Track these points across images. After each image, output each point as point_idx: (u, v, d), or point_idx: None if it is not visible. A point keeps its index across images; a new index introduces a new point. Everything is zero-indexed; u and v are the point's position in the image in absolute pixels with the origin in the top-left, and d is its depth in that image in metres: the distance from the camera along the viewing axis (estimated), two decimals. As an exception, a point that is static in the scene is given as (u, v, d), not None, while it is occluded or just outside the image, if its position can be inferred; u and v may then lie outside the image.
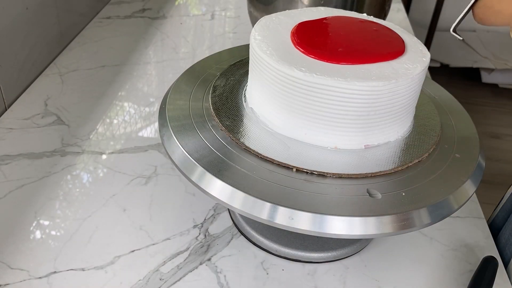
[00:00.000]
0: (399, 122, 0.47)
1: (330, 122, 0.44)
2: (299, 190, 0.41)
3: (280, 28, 0.50)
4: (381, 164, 0.45)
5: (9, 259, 0.50)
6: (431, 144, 0.48)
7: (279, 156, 0.44)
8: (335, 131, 0.45)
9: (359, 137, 0.46)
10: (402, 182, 0.44)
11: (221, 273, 0.50)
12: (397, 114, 0.46)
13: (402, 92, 0.44)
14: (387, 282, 0.50)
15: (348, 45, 0.48)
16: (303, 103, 0.44)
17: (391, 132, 0.47)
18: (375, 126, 0.45)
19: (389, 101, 0.44)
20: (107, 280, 0.48)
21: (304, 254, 0.51)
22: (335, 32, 0.51)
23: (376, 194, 0.42)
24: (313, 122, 0.45)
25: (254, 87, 0.49)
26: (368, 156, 0.45)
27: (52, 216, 0.55)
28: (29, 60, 0.78)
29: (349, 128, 0.45)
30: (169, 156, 0.46)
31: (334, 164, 0.44)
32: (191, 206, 0.57)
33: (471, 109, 0.57)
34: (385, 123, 0.46)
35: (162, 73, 0.86)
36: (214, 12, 1.10)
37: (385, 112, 0.45)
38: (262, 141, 0.46)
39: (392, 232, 0.40)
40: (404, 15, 1.14)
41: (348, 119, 0.44)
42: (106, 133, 0.69)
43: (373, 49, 0.47)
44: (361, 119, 0.44)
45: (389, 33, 0.51)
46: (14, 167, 0.61)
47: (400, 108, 0.46)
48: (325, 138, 0.45)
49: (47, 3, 0.82)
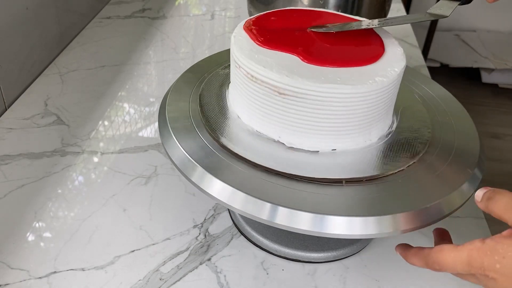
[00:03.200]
0: (382, 123, 0.48)
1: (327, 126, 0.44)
2: (299, 190, 0.41)
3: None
4: (379, 167, 0.44)
5: (9, 259, 0.50)
6: (425, 141, 0.48)
7: (267, 163, 0.44)
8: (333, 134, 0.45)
9: (359, 137, 0.46)
10: (401, 182, 0.44)
11: (221, 273, 0.50)
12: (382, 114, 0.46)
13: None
14: (387, 282, 0.50)
15: (323, 46, 0.48)
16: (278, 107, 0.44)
17: (379, 133, 0.47)
18: (375, 121, 0.46)
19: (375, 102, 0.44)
20: (107, 280, 0.48)
21: (304, 254, 0.51)
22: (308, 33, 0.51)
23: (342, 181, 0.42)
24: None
25: (232, 91, 0.50)
26: (365, 159, 0.45)
27: (52, 216, 0.55)
28: (29, 60, 0.78)
29: (350, 130, 0.45)
30: (169, 156, 0.46)
31: (333, 168, 0.44)
32: (191, 206, 0.57)
33: (471, 109, 0.57)
34: (379, 122, 0.46)
35: (162, 73, 0.86)
36: (214, 12, 1.10)
37: (376, 112, 0.45)
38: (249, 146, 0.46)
39: (392, 232, 0.40)
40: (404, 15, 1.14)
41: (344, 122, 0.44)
42: (106, 133, 0.69)
43: (350, 53, 0.47)
44: (366, 117, 0.44)
45: (367, 33, 0.51)
46: (14, 167, 0.61)
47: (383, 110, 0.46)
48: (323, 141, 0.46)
49: (47, 3, 0.82)
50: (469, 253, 0.35)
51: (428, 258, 0.38)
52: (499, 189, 0.37)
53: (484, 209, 0.37)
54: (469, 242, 0.36)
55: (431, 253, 0.37)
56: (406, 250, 0.40)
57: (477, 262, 0.34)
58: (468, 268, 0.35)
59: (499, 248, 0.34)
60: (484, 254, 0.34)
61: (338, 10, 0.73)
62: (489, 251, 0.34)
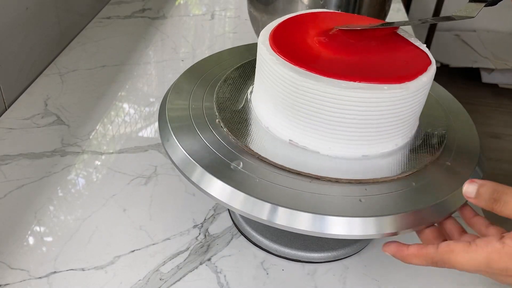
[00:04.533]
0: (404, 130, 0.47)
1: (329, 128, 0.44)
2: (299, 190, 0.41)
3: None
4: (383, 170, 0.44)
5: (9, 259, 0.50)
6: (436, 153, 0.48)
7: (283, 161, 0.44)
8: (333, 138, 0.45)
9: (361, 145, 0.45)
10: (401, 182, 0.44)
11: (221, 273, 0.50)
12: (404, 121, 0.45)
13: (406, 102, 0.44)
14: (387, 282, 0.50)
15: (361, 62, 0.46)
16: (304, 109, 0.44)
17: (398, 139, 0.47)
18: (378, 134, 0.45)
19: (394, 110, 0.43)
20: (107, 280, 0.48)
21: (304, 254, 0.51)
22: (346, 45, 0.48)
23: (237, 165, 0.42)
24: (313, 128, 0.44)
25: (257, 90, 0.49)
26: (370, 164, 0.45)
27: (52, 216, 0.55)
28: (29, 60, 0.78)
29: (350, 136, 0.44)
30: (169, 156, 0.46)
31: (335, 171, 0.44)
32: (191, 206, 0.57)
33: (471, 109, 0.57)
34: (392, 130, 0.45)
35: (162, 73, 0.86)
36: (214, 12, 1.10)
37: (392, 120, 0.44)
38: (265, 145, 0.46)
39: (392, 232, 0.40)
40: (404, 15, 1.14)
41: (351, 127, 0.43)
42: (106, 133, 0.69)
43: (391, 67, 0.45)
44: (365, 127, 0.44)
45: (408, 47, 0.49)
46: (14, 167, 0.61)
47: (407, 117, 0.45)
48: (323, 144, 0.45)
49: (47, 3, 0.82)
50: (488, 255, 0.34)
51: (435, 259, 0.36)
52: (501, 187, 0.36)
53: (484, 207, 0.36)
54: (484, 241, 0.34)
55: (439, 253, 0.36)
56: (400, 250, 0.39)
57: (500, 265, 0.33)
58: (487, 269, 0.34)
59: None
60: (509, 258, 0.33)
61: (339, 10, 0.73)
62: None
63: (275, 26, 0.50)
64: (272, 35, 0.48)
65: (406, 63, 0.46)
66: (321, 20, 0.53)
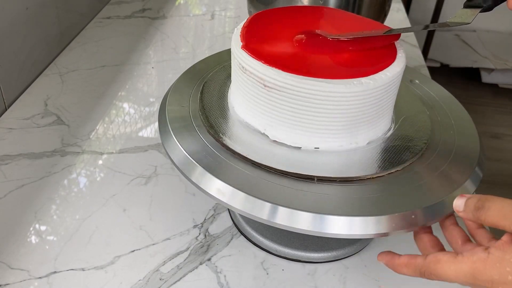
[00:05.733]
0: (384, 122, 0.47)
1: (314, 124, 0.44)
2: (299, 190, 0.41)
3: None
4: (378, 166, 0.44)
5: (9, 259, 0.50)
6: (424, 142, 0.48)
7: (266, 161, 0.44)
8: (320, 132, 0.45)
9: (346, 137, 0.46)
10: (401, 182, 0.44)
11: (221, 273, 0.50)
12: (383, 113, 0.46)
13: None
14: (387, 282, 0.50)
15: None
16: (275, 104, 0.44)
17: (377, 132, 0.47)
18: (362, 125, 0.45)
19: (373, 101, 0.44)
20: (107, 280, 0.48)
21: (304, 254, 0.51)
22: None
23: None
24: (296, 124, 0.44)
25: (233, 89, 0.50)
26: (364, 158, 0.45)
27: (52, 216, 0.55)
28: (29, 60, 0.78)
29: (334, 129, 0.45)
30: (169, 156, 0.46)
31: (335, 166, 0.44)
32: (191, 206, 0.57)
33: (471, 109, 0.57)
34: (374, 121, 0.46)
35: (162, 73, 0.86)
36: (214, 12, 1.10)
37: (374, 111, 0.45)
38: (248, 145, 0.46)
39: (392, 232, 0.40)
40: (404, 15, 1.14)
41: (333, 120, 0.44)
42: (106, 133, 0.69)
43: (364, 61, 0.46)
44: (348, 119, 0.44)
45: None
46: (14, 167, 0.61)
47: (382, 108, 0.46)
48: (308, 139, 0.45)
49: (47, 3, 0.82)
50: (473, 265, 0.32)
51: (423, 269, 0.35)
52: (484, 195, 0.35)
53: (471, 219, 0.35)
54: (470, 252, 0.33)
55: (426, 263, 0.35)
56: (392, 259, 0.38)
57: (485, 275, 0.32)
58: (473, 280, 0.33)
59: (509, 258, 0.31)
60: (492, 267, 0.32)
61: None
62: (497, 263, 0.32)
63: (250, 18, 0.50)
64: (245, 27, 0.50)
65: (377, 59, 0.47)
66: (303, 15, 0.53)
